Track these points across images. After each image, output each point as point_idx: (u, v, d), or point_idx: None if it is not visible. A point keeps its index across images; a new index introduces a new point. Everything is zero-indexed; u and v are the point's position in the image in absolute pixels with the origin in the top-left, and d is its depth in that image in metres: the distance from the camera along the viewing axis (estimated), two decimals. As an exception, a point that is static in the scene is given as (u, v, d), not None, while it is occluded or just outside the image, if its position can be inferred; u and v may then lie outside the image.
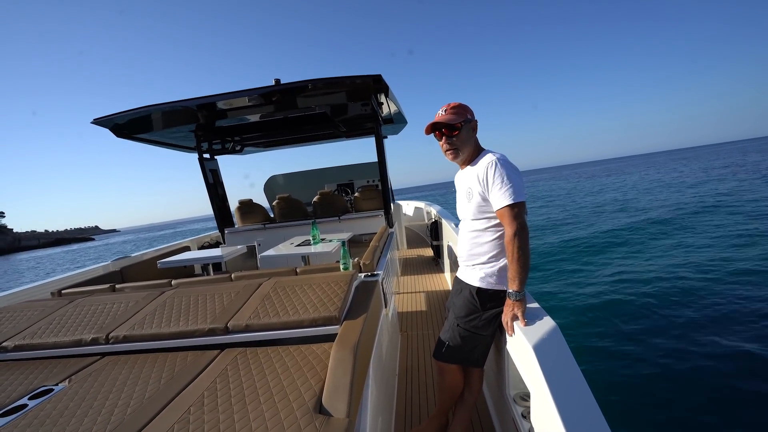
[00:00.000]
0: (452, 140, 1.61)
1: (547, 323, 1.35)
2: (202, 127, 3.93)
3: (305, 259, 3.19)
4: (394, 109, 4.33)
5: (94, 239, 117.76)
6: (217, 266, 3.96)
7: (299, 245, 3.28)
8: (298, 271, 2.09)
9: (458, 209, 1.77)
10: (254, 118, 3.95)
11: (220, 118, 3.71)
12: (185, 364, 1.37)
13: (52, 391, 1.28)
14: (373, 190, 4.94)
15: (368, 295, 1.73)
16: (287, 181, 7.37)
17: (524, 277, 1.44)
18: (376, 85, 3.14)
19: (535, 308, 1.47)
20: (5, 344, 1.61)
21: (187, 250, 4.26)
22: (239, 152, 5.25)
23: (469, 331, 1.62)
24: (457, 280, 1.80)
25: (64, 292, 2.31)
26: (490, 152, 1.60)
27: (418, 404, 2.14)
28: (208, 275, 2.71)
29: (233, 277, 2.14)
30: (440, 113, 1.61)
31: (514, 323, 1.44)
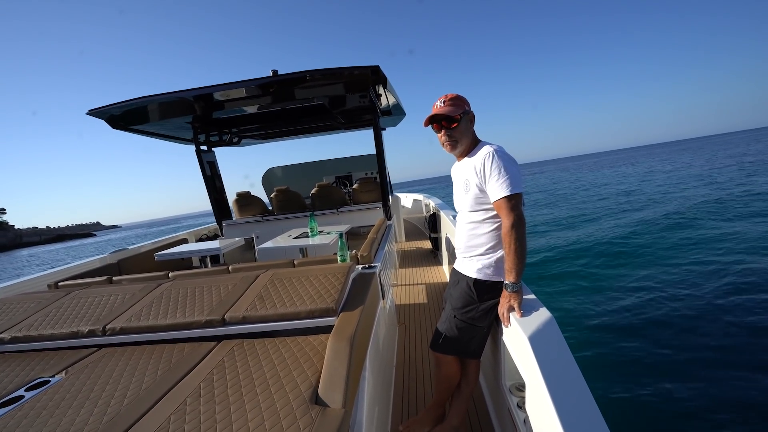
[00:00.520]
0: (451, 132, 1.59)
1: (543, 314, 1.35)
2: (199, 118, 3.89)
3: (303, 251, 3.19)
4: (392, 101, 4.29)
5: (95, 235, 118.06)
6: (215, 258, 3.96)
7: (297, 237, 3.28)
8: (295, 263, 2.09)
9: (455, 201, 1.76)
10: (252, 109, 3.91)
11: (217, 109, 3.67)
12: (182, 355, 1.37)
13: (48, 382, 1.28)
14: (371, 182, 4.92)
15: (365, 287, 1.73)
16: (285, 173, 7.35)
17: (521, 268, 1.43)
18: (374, 76, 3.11)
19: (531, 299, 1.47)
20: (2, 336, 1.62)
21: (185, 242, 4.26)
22: (237, 144, 5.22)
23: (465, 322, 1.62)
24: (454, 271, 1.79)
25: (61, 284, 2.31)
26: (487, 144, 1.59)
27: (415, 395, 2.16)
28: (205, 267, 2.71)
29: (231, 269, 2.14)
30: (438, 105, 1.59)
31: (510, 314, 1.44)
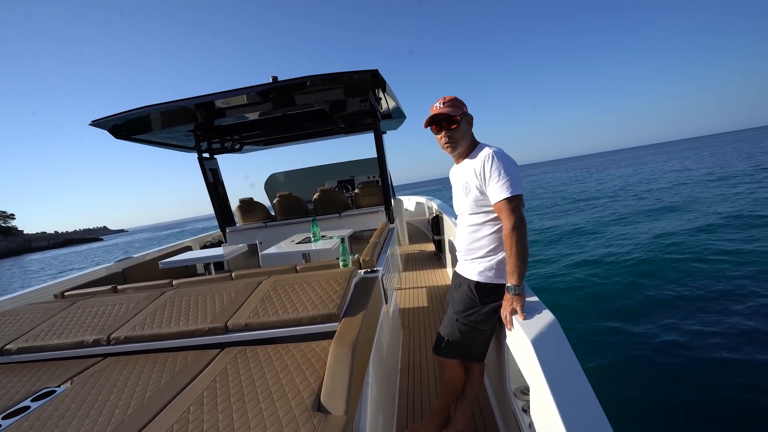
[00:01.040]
0: (451, 133, 1.59)
1: (546, 317, 1.34)
2: (200, 126, 3.93)
3: (306, 256, 3.19)
4: (392, 104, 4.29)
5: (102, 239, 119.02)
6: (219, 265, 3.97)
7: (300, 243, 3.28)
8: (297, 268, 2.09)
9: (455, 204, 1.76)
10: (253, 116, 3.94)
11: (218, 116, 3.70)
12: (185, 363, 1.37)
13: (54, 392, 1.29)
14: (373, 185, 4.92)
15: (368, 291, 1.72)
16: (288, 178, 7.37)
17: (523, 270, 1.43)
18: (373, 80, 3.12)
19: (534, 302, 1.46)
20: (8, 347, 1.63)
21: (188, 249, 4.28)
22: (238, 151, 5.25)
23: (468, 325, 1.62)
24: (455, 274, 1.79)
25: (66, 294, 2.33)
26: (486, 146, 1.59)
27: (420, 399, 2.15)
28: (210, 274, 2.73)
29: (234, 275, 2.15)
30: (437, 106, 1.59)
31: (513, 317, 1.43)
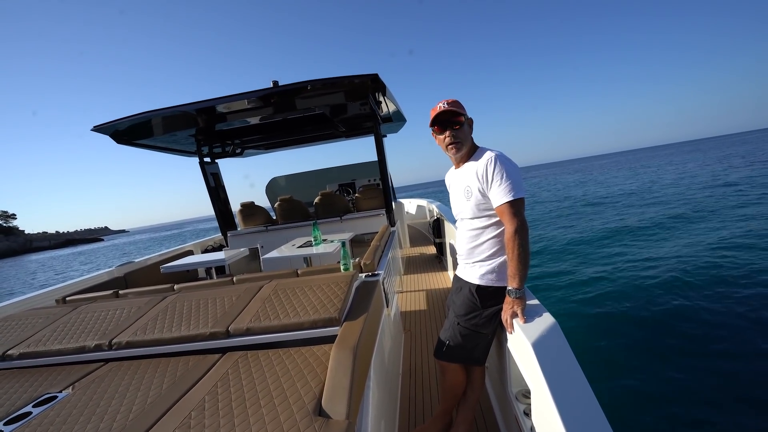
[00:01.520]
0: (456, 133, 1.60)
1: (546, 320, 1.34)
2: (202, 131, 3.94)
3: (307, 260, 3.19)
4: (392, 107, 4.30)
5: (103, 240, 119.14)
6: (220, 269, 3.97)
7: (301, 246, 3.29)
8: (299, 272, 2.10)
9: (454, 208, 1.75)
10: (254, 120, 3.95)
11: (219, 121, 3.71)
12: (187, 368, 1.37)
13: (56, 398, 1.29)
14: (374, 189, 4.93)
15: (369, 295, 1.72)
16: (289, 182, 7.38)
17: (524, 274, 1.43)
18: (373, 84, 3.13)
19: (535, 305, 1.46)
20: (10, 352, 1.63)
21: (190, 254, 4.28)
22: (240, 155, 5.26)
23: (469, 329, 1.61)
24: (456, 278, 1.79)
25: (68, 299, 2.34)
26: (488, 149, 1.59)
27: (422, 403, 2.14)
28: (211, 279, 2.72)
29: (235, 280, 2.15)
30: (441, 106, 1.59)
31: (513, 321, 1.43)
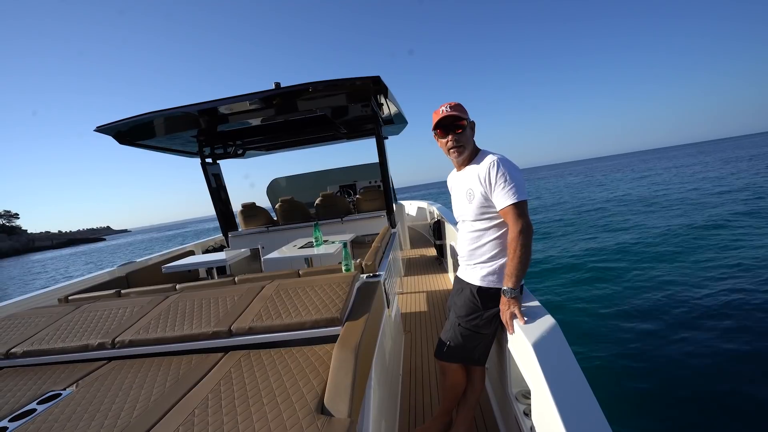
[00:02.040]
0: (458, 137, 1.61)
1: (546, 321, 1.35)
2: (204, 132, 3.96)
3: (308, 261, 3.20)
4: (394, 109, 4.32)
5: (105, 239, 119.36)
6: (221, 270, 3.98)
7: (302, 247, 3.30)
8: (300, 273, 2.11)
9: (456, 210, 1.76)
10: (255, 121, 3.97)
11: (221, 122, 3.73)
12: (190, 367, 1.39)
13: (59, 395, 1.31)
14: (375, 190, 4.94)
15: (370, 295, 1.74)
16: (290, 183, 7.40)
17: (522, 275, 1.44)
18: (375, 86, 3.14)
19: (535, 306, 1.47)
20: (14, 350, 1.65)
21: (191, 254, 4.30)
22: (241, 156, 5.28)
23: (470, 330, 1.62)
24: (457, 279, 1.80)
25: (71, 298, 2.35)
26: (490, 152, 1.60)
27: (422, 403, 2.15)
28: (212, 279, 2.74)
29: (237, 280, 2.16)
30: (444, 110, 1.60)
31: (513, 321, 1.44)
